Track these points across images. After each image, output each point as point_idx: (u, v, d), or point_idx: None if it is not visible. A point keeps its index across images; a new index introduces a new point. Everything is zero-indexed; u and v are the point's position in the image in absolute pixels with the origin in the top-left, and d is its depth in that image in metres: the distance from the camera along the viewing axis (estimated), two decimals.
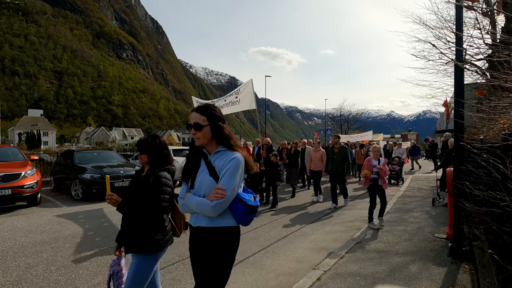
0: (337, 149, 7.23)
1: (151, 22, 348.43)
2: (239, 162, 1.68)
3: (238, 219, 1.73)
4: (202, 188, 1.73)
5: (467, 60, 6.44)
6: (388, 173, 5.51)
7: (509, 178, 2.19)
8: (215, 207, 1.63)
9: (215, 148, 1.76)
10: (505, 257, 2.30)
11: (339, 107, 40.85)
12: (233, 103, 8.40)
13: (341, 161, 7.18)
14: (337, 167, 7.16)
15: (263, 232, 5.32)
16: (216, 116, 1.76)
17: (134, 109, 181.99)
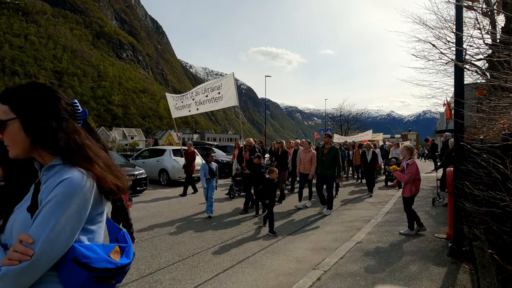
0: (326, 150, 6.53)
1: (151, 22, 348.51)
2: (72, 188, 0.90)
3: None
4: (14, 232, 0.93)
5: (467, 60, 6.44)
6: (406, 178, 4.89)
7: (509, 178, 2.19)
8: (3, 278, 0.83)
9: (50, 160, 0.99)
10: (505, 257, 2.30)
11: (339, 107, 40.96)
12: (216, 99, 7.77)
13: (330, 163, 6.44)
14: (326, 170, 6.46)
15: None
16: (34, 102, 0.97)
17: (134, 109, 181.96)
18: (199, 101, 8.21)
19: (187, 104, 8.60)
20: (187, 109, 8.59)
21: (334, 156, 6.45)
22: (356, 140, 18.49)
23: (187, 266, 3.80)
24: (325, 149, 6.58)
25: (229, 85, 7.50)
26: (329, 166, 6.46)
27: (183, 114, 8.90)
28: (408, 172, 4.86)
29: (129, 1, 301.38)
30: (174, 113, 9.04)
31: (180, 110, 8.84)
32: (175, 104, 8.94)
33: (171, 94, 9.54)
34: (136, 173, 8.85)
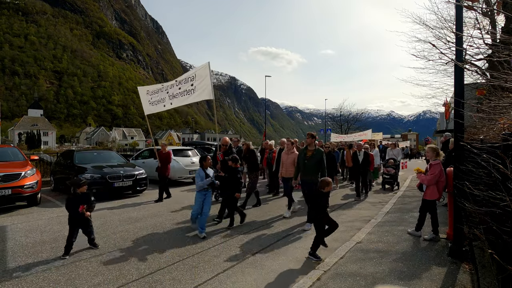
0: (310, 153, 5.67)
1: (151, 22, 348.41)
2: None
3: None
4: None
5: (467, 60, 6.44)
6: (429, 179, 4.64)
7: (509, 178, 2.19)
8: None
9: None
10: (505, 257, 2.30)
11: (339, 107, 40.93)
12: (188, 92, 7.04)
13: (313, 167, 5.57)
14: (309, 175, 5.58)
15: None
16: None
17: (134, 109, 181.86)
18: (172, 94, 7.53)
19: (161, 98, 7.86)
20: (162, 103, 7.84)
21: (319, 159, 5.55)
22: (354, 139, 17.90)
23: (187, 266, 3.80)
24: (308, 152, 5.72)
25: (204, 76, 6.79)
26: (312, 171, 5.58)
27: (158, 110, 8.11)
28: (431, 173, 4.61)
29: (129, 1, 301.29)
30: (148, 109, 8.24)
31: (155, 106, 8.09)
32: (150, 99, 8.21)
33: (145, 87, 8.67)
34: (136, 173, 8.85)
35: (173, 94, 7.51)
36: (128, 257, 4.10)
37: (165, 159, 8.48)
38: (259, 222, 5.92)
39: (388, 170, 10.20)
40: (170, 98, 7.58)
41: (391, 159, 10.72)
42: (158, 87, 8.13)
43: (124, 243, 4.69)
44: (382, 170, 10.58)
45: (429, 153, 4.87)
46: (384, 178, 10.35)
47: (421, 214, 4.90)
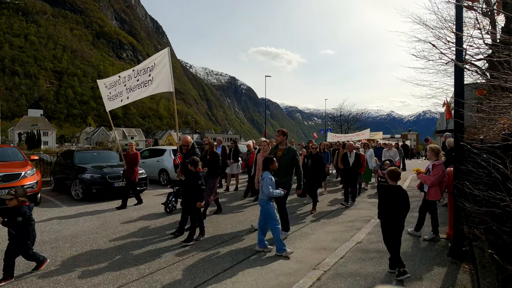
0: (281, 152, 5.01)
1: (151, 22, 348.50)
2: None
3: None
4: None
5: (467, 60, 6.44)
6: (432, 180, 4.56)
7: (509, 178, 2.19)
8: None
9: None
10: (505, 257, 2.30)
11: (339, 107, 41.03)
12: (146, 83, 6.40)
13: (285, 168, 4.88)
14: (279, 177, 4.76)
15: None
16: None
17: (134, 109, 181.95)
18: (130, 87, 6.81)
19: (119, 92, 7.13)
20: (119, 98, 7.12)
21: (291, 159, 4.95)
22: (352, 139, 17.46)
23: (187, 266, 3.80)
24: (278, 151, 5.06)
25: (162, 65, 6.15)
26: (284, 173, 4.90)
27: (116, 105, 7.34)
28: (434, 174, 4.56)
29: (129, 1, 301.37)
30: (108, 105, 7.48)
31: (113, 101, 7.33)
32: (109, 93, 7.43)
33: (103, 80, 7.88)
34: None
35: (130, 86, 6.79)
36: (128, 257, 4.10)
37: (132, 161, 7.57)
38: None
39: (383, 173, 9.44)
40: (128, 92, 6.85)
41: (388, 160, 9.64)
42: (115, 79, 7.30)
43: (123, 243, 4.69)
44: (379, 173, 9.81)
45: (429, 153, 4.86)
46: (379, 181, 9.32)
47: (420, 214, 4.91)
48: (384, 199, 3.54)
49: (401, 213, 3.41)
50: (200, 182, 4.76)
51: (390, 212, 3.41)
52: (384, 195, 3.56)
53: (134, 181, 7.54)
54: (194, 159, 4.87)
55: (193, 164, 4.82)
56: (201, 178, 4.83)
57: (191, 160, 4.86)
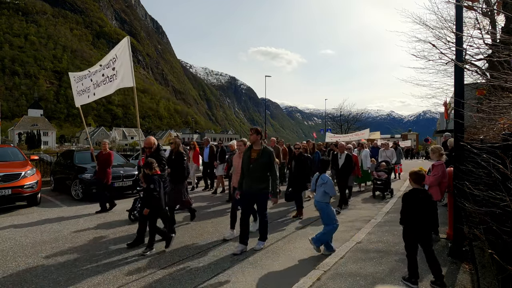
0: (255, 153, 4.38)
1: (151, 22, 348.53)
2: None
3: None
4: None
5: (467, 60, 6.44)
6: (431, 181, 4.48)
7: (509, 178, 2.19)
8: None
9: None
10: (505, 257, 2.30)
11: (339, 107, 41.02)
12: (111, 78, 6.05)
13: (261, 173, 4.32)
14: (256, 184, 4.30)
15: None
16: None
17: (134, 109, 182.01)
18: (96, 82, 6.47)
19: (87, 87, 6.77)
20: (87, 94, 6.80)
21: (266, 162, 4.33)
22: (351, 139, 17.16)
23: (187, 266, 3.80)
24: (253, 152, 4.42)
25: (124, 58, 5.84)
26: (260, 177, 4.32)
27: (83, 101, 7.00)
28: (433, 174, 4.52)
29: (129, 1, 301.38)
30: (77, 100, 7.13)
31: (81, 96, 7.01)
32: (77, 88, 7.07)
33: (74, 73, 7.41)
34: (136, 173, 8.85)
35: (97, 82, 6.44)
36: (128, 257, 4.09)
37: (104, 162, 6.96)
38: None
39: (379, 175, 8.79)
40: (94, 87, 6.53)
41: (384, 161, 9.48)
42: (85, 73, 6.95)
43: (124, 243, 4.69)
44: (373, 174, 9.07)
45: (431, 153, 4.84)
46: (374, 184, 8.87)
47: None
48: (408, 204, 3.28)
49: (428, 219, 3.17)
50: (152, 186, 4.28)
51: (415, 218, 3.19)
52: (408, 199, 3.30)
53: (106, 183, 6.91)
54: (149, 160, 4.50)
55: (147, 166, 4.44)
56: (155, 182, 4.32)
57: (146, 162, 4.52)
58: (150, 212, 4.28)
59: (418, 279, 3.23)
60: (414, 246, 3.24)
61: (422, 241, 3.20)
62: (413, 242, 3.24)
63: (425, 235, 3.20)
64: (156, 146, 5.24)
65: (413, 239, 3.24)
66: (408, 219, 3.26)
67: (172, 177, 5.40)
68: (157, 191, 4.29)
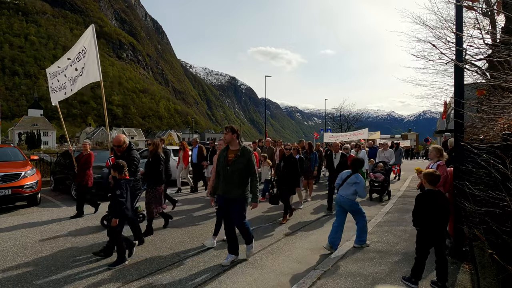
0: (233, 155, 3.89)
1: (151, 22, 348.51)
2: None
3: None
4: None
5: (467, 60, 6.44)
6: None
7: (509, 178, 2.19)
8: None
9: None
10: (505, 257, 2.30)
11: (339, 107, 41.04)
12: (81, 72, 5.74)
13: (238, 176, 3.82)
14: (232, 189, 3.83)
15: (260, 234, 5.31)
16: None
17: (134, 109, 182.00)
18: (71, 78, 6.10)
19: (63, 83, 6.37)
20: (64, 90, 6.40)
21: (246, 163, 3.84)
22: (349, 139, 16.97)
23: (187, 266, 3.80)
24: (229, 153, 3.93)
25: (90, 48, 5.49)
26: (237, 181, 3.83)
27: (60, 98, 6.59)
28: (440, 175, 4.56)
29: (129, 1, 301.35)
30: (53, 98, 6.74)
31: (56, 93, 6.64)
32: (52, 84, 6.69)
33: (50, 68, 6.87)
34: None
35: (72, 77, 6.08)
36: (128, 257, 4.09)
37: (84, 164, 6.53)
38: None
39: (376, 176, 8.45)
40: (71, 84, 6.13)
41: (381, 162, 9.12)
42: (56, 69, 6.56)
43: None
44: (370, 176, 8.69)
45: (432, 153, 4.80)
46: (371, 186, 8.45)
47: None
48: (424, 205, 3.21)
49: (444, 221, 3.15)
50: (119, 192, 3.82)
51: (432, 220, 3.14)
52: (424, 201, 3.24)
53: (86, 186, 6.50)
54: (118, 163, 4.03)
55: (116, 168, 3.98)
56: (122, 187, 3.87)
57: (114, 164, 4.04)
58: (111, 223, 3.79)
59: (419, 280, 3.23)
60: (427, 249, 3.20)
61: (437, 244, 3.19)
62: (428, 245, 3.20)
63: (441, 237, 3.18)
64: (128, 145, 4.70)
65: (428, 242, 3.20)
66: (423, 221, 3.21)
67: (148, 181, 5.12)
68: (124, 198, 3.83)
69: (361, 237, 4.50)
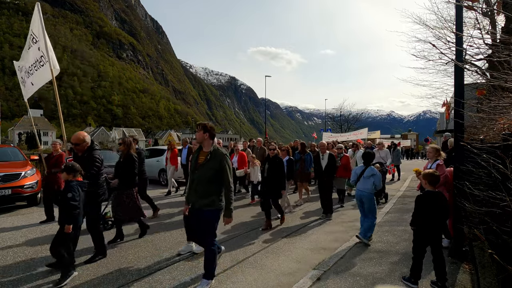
0: (203, 157, 3.26)
1: (151, 22, 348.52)
2: None
3: None
4: None
5: (467, 60, 6.44)
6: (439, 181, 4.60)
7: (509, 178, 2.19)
8: None
9: None
10: (505, 257, 2.30)
11: (339, 107, 41.08)
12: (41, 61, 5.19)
13: (208, 181, 3.18)
14: (201, 197, 3.18)
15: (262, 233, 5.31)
16: None
17: (134, 109, 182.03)
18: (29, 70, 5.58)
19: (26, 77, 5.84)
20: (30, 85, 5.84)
21: (216, 168, 3.19)
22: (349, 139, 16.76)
23: (187, 266, 3.79)
24: (200, 156, 3.32)
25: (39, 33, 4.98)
26: (205, 188, 3.19)
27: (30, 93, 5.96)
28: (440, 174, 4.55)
29: (129, 1, 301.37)
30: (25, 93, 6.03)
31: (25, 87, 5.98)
32: (21, 78, 5.99)
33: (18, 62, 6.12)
34: None
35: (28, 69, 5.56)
36: (128, 257, 4.09)
37: (54, 165, 5.98)
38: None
39: None
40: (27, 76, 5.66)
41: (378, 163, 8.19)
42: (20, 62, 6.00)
43: (125, 243, 4.69)
44: None
45: (431, 153, 4.80)
46: None
47: None
48: (424, 206, 3.22)
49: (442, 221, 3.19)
50: (70, 195, 3.38)
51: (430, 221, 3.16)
52: (423, 202, 3.24)
53: (58, 189, 5.76)
54: (71, 165, 3.55)
55: (68, 170, 3.51)
56: (74, 189, 3.43)
57: (66, 166, 3.57)
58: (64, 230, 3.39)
59: (418, 280, 3.23)
60: (423, 249, 3.23)
61: (433, 243, 3.21)
62: (424, 245, 3.23)
63: (437, 237, 3.21)
64: (89, 144, 4.12)
65: (424, 242, 3.22)
66: (421, 221, 3.23)
67: (120, 185, 4.79)
68: (76, 201, 3.40)
69: (368, 232, 4.67)
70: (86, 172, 3.75)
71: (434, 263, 3.20)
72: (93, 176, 3.90)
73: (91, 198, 3.83)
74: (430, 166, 4.69)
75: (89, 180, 3.78)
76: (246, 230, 5.40)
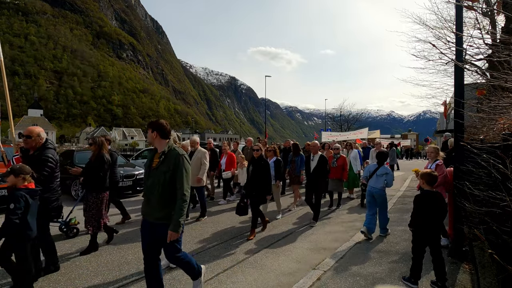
0: (157, 160, 2.76)
1: (151, 22, 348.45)
2: None
3: None
4: None
5: (467, 60, 6.44)
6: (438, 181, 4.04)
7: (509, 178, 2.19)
8: None
9: None
10: (505, 257, 2.30)
11: (339, 107, 41.07)
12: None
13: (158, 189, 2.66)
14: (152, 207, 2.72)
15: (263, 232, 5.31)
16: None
17: (134, 109, 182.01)
18: None
19: None
20: None
21: (172, 174, 2.67)
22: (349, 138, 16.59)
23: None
24: (154, 159, 2.81)
25: None
26: (158, 198, 2.68)
27: None
28: (439, 174, 4.30)
29: (129, 1, 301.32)
30: None
31: None
32: None
33: None
34: (136, 173, 8.86)
35: None
36: (128, 257, 4.09)
37: None
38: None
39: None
40: None
41: None
42: None
43: (124, 243, 4.69)
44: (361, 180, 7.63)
45: (432, 153, 4.77)
46: (362, 190, 7.57)
47: None
48: (422, 207, 3.24)
49: (437, 221, 3.19)
50: (12, 206, 2.86)
51: (428, 221, 3.18)
52: (420, 202, 3.26)
53: None
54: (19, 167, 3.03)
55: (14, 172, 2.98)
56: (18, 200, 2.90)
57: (13, 167, 3.04)
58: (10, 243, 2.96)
59: (418, 280, 3.23)
60: (422, 249, 3.25)
61: (432, 244, 3.22)
62: (423, 245, 3.25)
63: (435, 238, 3.23)
64: (44, 141, 3.65)
65: (423, 242, 3.24)
66: (420, 221, 3.25)
67: (87, 189, 4.44)
68: (17, 215, 2.85)
69: (385, 227, 5.02)
70: (38, 174, 3.26)
71: (433, 263, 3.21)
72: (45, 180, 3.46)
73: (40, 204, 3.26)
74: (430, 166, 4.70)
75: (39, 183, 3.28)
76: (246, 230, 5.40)
